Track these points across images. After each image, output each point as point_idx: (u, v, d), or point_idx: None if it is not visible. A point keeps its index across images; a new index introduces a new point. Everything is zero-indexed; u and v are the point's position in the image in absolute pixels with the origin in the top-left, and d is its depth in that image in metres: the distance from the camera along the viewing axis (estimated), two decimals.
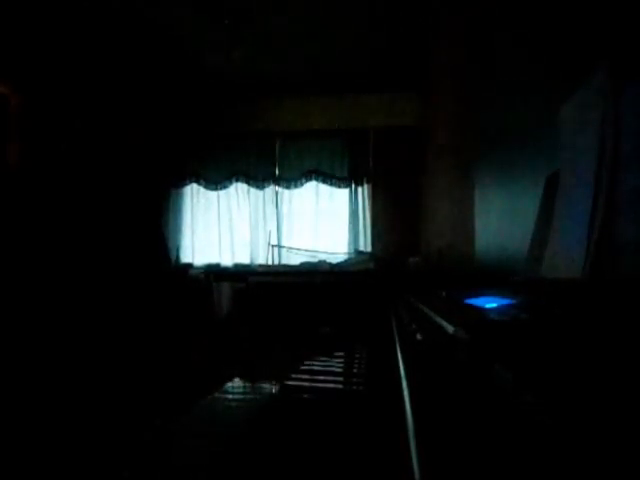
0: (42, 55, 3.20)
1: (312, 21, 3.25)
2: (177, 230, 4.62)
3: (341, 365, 2.68)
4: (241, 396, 2.15)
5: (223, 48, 3.62)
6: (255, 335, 3.48)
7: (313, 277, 3.72)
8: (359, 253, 4.14)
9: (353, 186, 4.46)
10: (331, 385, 2.18)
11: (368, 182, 4.44)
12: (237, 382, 2.40)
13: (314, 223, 4.48)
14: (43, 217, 3.07)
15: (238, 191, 4.60)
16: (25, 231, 2.93)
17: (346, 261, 4.05)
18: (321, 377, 2.30)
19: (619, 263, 0.54)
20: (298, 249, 4.41)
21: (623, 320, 0.40)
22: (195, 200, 4.68)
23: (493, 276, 1.42)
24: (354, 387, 2.20)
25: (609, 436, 0.19)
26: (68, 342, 2.72)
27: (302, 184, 4.50)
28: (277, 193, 4.56)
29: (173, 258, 4.51)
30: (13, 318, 2.64)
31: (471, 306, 0.68)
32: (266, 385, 2.31)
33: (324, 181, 4.47)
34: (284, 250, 4.47)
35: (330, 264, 3.97)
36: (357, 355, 2.66)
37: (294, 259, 4.35)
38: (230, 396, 2.14)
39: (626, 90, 0.57)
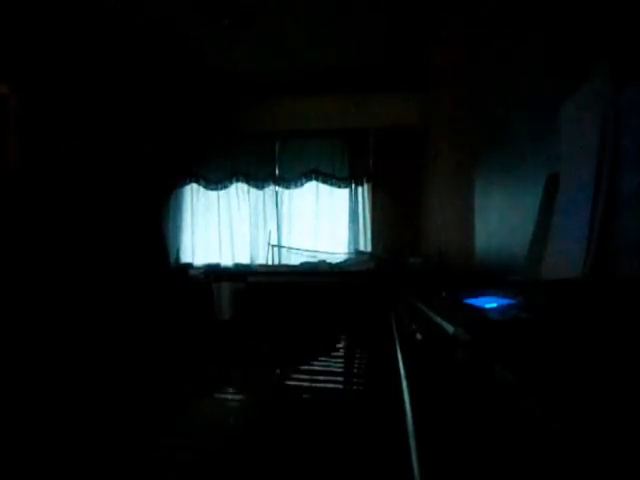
0: (42, 55, 3.19)
1: (312, 21, 3.25)
2: (177, 230, 4.62)
3: (341, 365, 2.68)
4: (241, 396, 2.15)
5: (223, 48, 3.62)
6: (255, 335, 3.48)
7: (313, 277, 3.72)
8: (359, 253, 4.14)
9: (353, 186, 4.46)
10: (331, 385, 2.19)
11: (368, 182, 4.44)
12: (237, 382, 2.40)
13: (314, 223, 4.48)
14: (43, 217, 3.07)
15: (238, 191, 4.60)
16: (25, 231, 2.93)
17: (346, 261, 4.05)
18: (321, 377, 2.30)
19: (619, 263, 0.54)
20: (298, 249, 4.41)
21: (623, 320, 0.40)
22: (195, 200, 4.68)
23: (493, 276, 1.42)
24: (354, 387, 2.20)
25: (609, 435, 0.19)
26: (67, 341, 2.72)
27: (302, 184, 4.50)
28: (277, 193, 4.56)
29: (173, 258, 4.51)
30: (12, 318, 2.63)
31: (471, 306, 0.68)
32: (266, 385, 2.30)
33: (324, 181, 4.47)
34: (284, 250, 4.47)
35: (330, 264, 3.97)
36: (357, 355, 2.66)
37: (294, 259, 4.35)
38: (230, 396, 2.14)
39: (626, 90, 0.57)
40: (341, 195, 4.48)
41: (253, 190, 4.57)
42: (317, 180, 4.47)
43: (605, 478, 0.17)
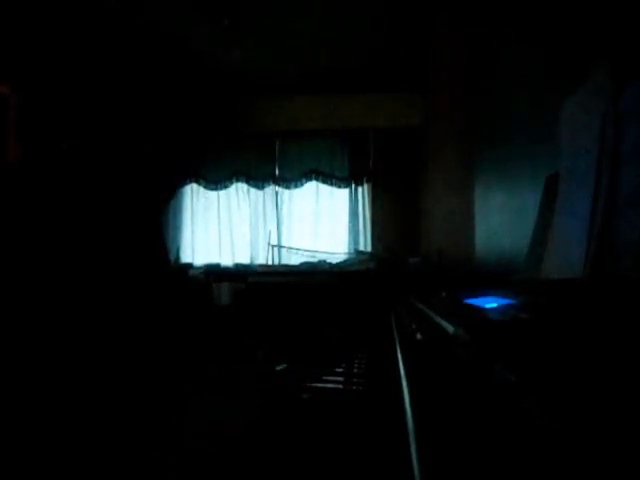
0: (42, 55, 3.19)
1: (312, 21, 3.25)
2: (177, 230, 4.62)
3: (341, 365, 2.68)
4: (241, 396, 2.15)
5: (223, 48, 3.62)
6: (255, 335, 3.48)
7: (313, 277, 3.72)
8: (359, 253, 4.14)
9: (353, 186, 4.46)
10: (331, 385, 2.19)
11: (368, 182, 4.44)
12: (237, 382, 2.40)
13: (314, 223, 4.47)
14: (43, 217, 3.06)
15: (238, 191, 4.60)
16: (25, 231, 2.93)
17: (346, 261, 4.05)
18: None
19: (619, 263, 0.54)
20: (298, 249, 4.41)
21: (623, 320, 0.40)
22: (195, 200, 4.67)
23: (493, 276, 1.42)
24: (354, 387, 2.20)
25: (609, 436, 0.19)
26: (66, 341, 2.72)
27: (302, 184, 4.50)
28: (277, 193, 4.56)
29: (173, 258, 4.50)
30: (12, 317, 2.63)
31: (471, 306, 0.68)
32: (266, 385, 2.30)
33: (324, 181, 4.47)
34: (284, 250, 4.47)
35: (330, 264, 3.97)
36: (357, 355, 2.66)
37: (294, 259, 4.34)
38: (229, 396, 2.13)
39: (626, 90, 0.57)
40: (341, 195, 4.48)
41: (253, 190, 4.57)
42: (317, 180, 4.47)
43: (605, 478, 0.17)
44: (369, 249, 4.30)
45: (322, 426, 1.61)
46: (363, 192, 4.46)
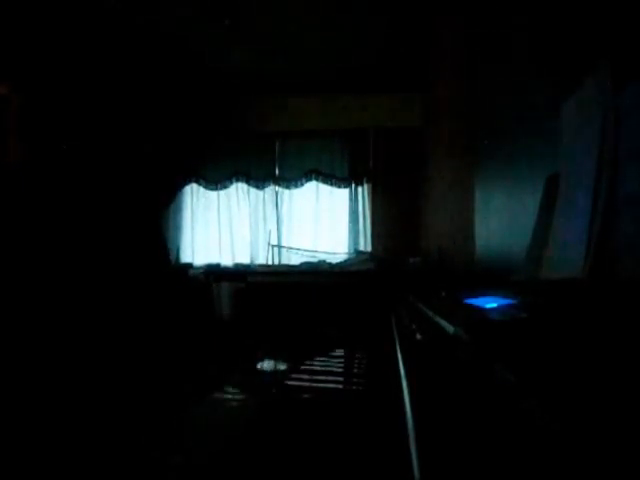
0: (42, 55, 3.19)
1: (312, 21, 3.25)
2: (177, 230, 4.62)
3: (341, 365, 2.68)
4: (241, 396, 2.15)
5: (223, 48, 3.62)
6: (255, 335, 3.48)
7: (313, 277, 3.72)
8: (359, 253, 4.14)
9: (353, 186, 4.46)
10: (331, 385, 2.19)
11: (368, 182, 4.44)
12: (237, 382, 2.40)
13: (314, 223, 4.47)
14: (43, 217, 3.06)
15: (238, 191, 4.60)
16: (25, 231, 2.93)
17: (346, 261, 4.05)
18: (321, 377, 2.30)
19: (619, 263, 0.54)
20: (298, 249, 4.41)
21: (623, 320, 0.40)
22: (195, 200, 4.68)
23: (493, 276, 1.42)
24: (354, 387, 2.20)
25: (609, 436, 0.19)
26: (66, 341, 2.72)
27: (302, 184, 4.51)
28: (277, 193, 4.56)
29: (173, 258, 4.50)
30: (12, 317, 2.63)
31: (471, 306, 0.68)
32: (266, 385, 2.30)
33: (324, 181, 4.47)
34: (284, 250, 4.47)
35: (330, 264, 3.97)
36: (357, 355, 2.66)
37: (294, 259, 4.34)
38: (230, 396, 2.13)
39: (626, 90, 0.57)
40: (341, 195, 4.48)
41: (253, 190, 4.57)
42: (317, 180, 4.48)
43: (605, 478, 0.17)
44: (369, 249, 4.30)
45: (322, 426, 1.61)
46: (363, 192, 4.46)
